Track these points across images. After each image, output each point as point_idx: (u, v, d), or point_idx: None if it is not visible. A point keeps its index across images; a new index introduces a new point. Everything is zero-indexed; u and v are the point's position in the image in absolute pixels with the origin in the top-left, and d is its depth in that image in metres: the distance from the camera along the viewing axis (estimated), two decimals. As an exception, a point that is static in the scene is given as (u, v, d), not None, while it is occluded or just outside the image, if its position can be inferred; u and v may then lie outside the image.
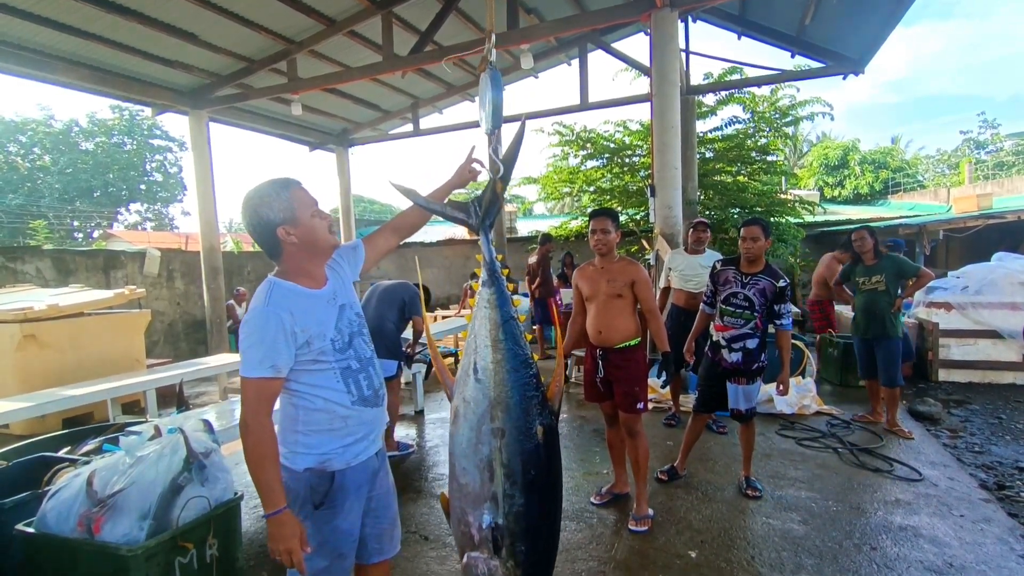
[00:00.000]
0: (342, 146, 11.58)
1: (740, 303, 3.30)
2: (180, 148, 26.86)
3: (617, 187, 10.36)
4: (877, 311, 4.42)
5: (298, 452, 1.56)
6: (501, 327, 1.77)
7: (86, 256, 8.41)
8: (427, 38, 7.28)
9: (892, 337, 4.39)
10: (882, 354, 4.41)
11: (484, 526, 1.67)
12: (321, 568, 1.59)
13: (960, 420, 4.98)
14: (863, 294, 4.54)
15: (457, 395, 1.80)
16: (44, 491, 2.11)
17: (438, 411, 5.51)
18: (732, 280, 3.35)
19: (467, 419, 1.74)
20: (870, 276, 4.49)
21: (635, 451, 3.09)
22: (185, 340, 9.49)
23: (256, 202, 1.53)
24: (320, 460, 1.57)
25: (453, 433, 1.78)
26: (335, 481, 1.58)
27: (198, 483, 2.03)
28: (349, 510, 1.61)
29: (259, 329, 1.45)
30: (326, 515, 1.58)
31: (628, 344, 3.05)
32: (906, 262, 4.52)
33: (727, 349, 3.35)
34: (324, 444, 1.57)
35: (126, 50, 6.89)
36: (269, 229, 1.52)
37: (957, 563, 2.61)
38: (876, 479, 3.59)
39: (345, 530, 1.61)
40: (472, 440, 1.72)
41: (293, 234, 1.52)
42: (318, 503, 1.57)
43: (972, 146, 26.14)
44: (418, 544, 2.92)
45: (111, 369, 5.66)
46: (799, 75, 8.71)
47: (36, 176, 23.82)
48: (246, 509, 3.31)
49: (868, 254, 4.53)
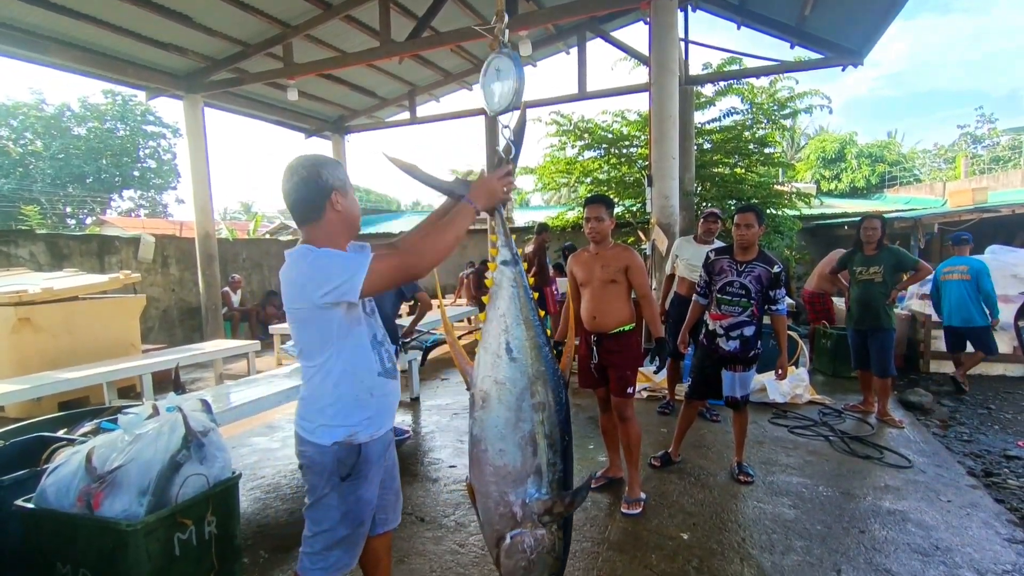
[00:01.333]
0: (338, 133, 11.51)
1: (736, 291, 3.29)
2: (174, 134, 26.64)
3: (614, 178, 10.35)
4: (872, 302, 4.43)
5: (326, 426, 1.61)
6: (530, 305, 1.78)
7: (80, 241, 8.35)
8: (425, 24, 7.23)
9: (886, 328, 4.41)
10: (876, 345, 4.44)
11: (529, 500, 1.69)
12: (343, 536, 1.66)
13: (950, 410, 5.04)
14: (859, 284, 4.54)
15: (483, 380, 1.76)
16: (42, 469, 2.12)
17: (433, 398, 5.53)
18: (727, 269, 3.35)
19: (503, 400, 1.72)
20: (868, 266, 4.48)
21: (627, 436, 3.12)
22: (180, 326, 9.46)
23: (319, 164, 1.59)
24: (347, 433, 1.62)
25: (482, 418, 1.74)
26: (361, 453, 1.64)
27: (197, 461, 2.04)
28: (372, 480, 1.69)
29: (330, 254, 1.52)
30: (352, 486, 1.64)
31: (623, 329, 3.08)
32: (905, 255, 4.50)
33: (724, 337, 3.35)
34: (351, 416, 1.62)
35: (119, 32, 6.80)
36: (324, 191, 1.58)
37: (943, 545, 2.66)
38: (866, 466, 3.64)
39: (367, 499, 1.69)
40: (511, 420, 1.71)
41: (340, 203, 1.60)
42: (345, 475, 1.62)
43: (969, 140, 26.23)
44: (415, 525, 2.95)
45: (106, 353, 5.65)
46: (798, 66, 8.70)
47: (28, 161, 23.58)
48: (243, 489, 3.34)
49: (872, 244, 4.50)
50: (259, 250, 11.73)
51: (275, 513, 3.16)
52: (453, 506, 3.17)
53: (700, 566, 2.52)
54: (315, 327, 1.57)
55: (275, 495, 3.40)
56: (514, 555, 1.69)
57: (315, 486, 1.65)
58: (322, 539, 1.66)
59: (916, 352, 6.53)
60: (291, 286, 1.56)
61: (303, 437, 1.64)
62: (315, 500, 1.65)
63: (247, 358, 6.16)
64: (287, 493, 3.41)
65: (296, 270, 1.54)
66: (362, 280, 1.47)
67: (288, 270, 1.57)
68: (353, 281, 1.47)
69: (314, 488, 1.65)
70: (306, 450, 1.65)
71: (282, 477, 3.66)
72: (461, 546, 2.74)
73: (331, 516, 1.65)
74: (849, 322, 4.70)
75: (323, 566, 1.66)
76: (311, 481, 1.65)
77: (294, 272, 1.55)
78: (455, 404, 5.25)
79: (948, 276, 5.69)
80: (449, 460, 3.88)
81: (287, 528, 2.96)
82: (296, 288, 1.54)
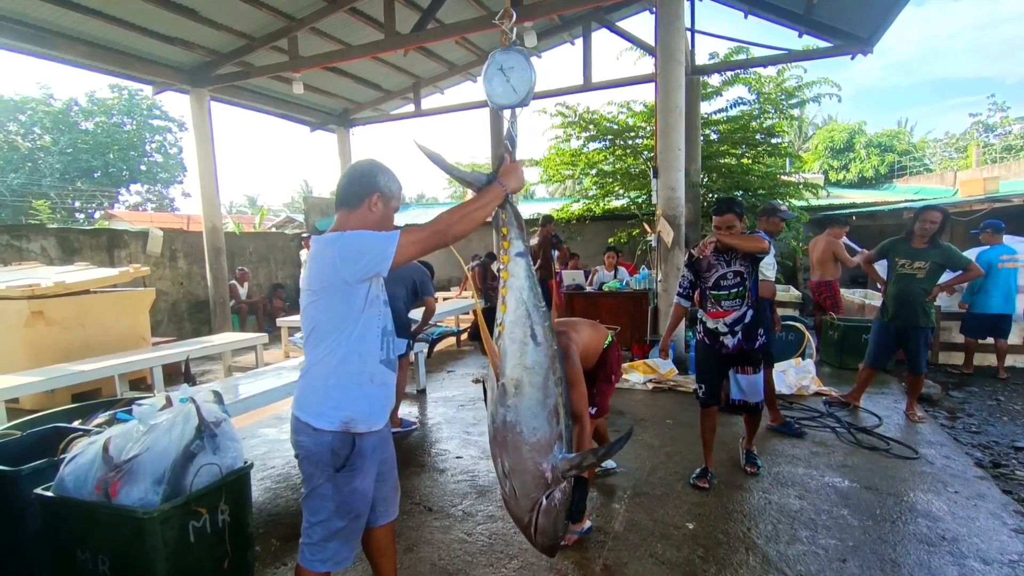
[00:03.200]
0: (343, 126, 11.51)
1: (732, 282, 3.11)
2: (180, 128, 26.68)
3: (619, 169, 10.30)
4: (911, 298, 4.16)
5: (326, 411, 1.65)
6: (542, 293, 1.93)
7: (90, 235, 8.43)
8: (429, 15, 7.21)
9: (924, 327, 4.19)
10: (912, 343, 4.21)
11: (556, 463, 1.85)
12: (339, 528, 1.70)
13: (958, 401, 5.03)
14: (900, 277, 4.22)
15: (513, 368, 1.86)
16: (60, 458, 2.16)
17: (440, 390, 5.57)
18: (716, 263, 3.14)
19: (533, 383, 1.85)
20: (912, 260, 4.17)
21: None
22: (189, 319, 9.55)
23: (378, 167, 1.76)
24: (345, 422, 1.66)
25: (516, 404, 1.84)
26: (356, 445, 1.68)
27: (210, 451, 2.08)
28: (367, 472, 1.73)
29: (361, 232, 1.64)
30: (346, 477, 1.68)
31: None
32: (957, 253, 4.19)
33: (728, 335, 3.15)
34: (351, 403, 1.67)
35: (126, 26, 6.82)
36: (370, 186, 1.72)
37: (949, 536, 2.67)
38: (873, 457, 3.64)
39: (362, 491, 1.73)
40: (540, 398, 1.85)
41: (378, 205, 1.73)
42: (339, 467, 1.66)
43: (981, 129, 25.86)
44: (422, 515, 2.99)
45: (117, 346, 5.72)
46: (806, 55, 8.59)
47: (36, 156, 23.71)
48: (254, 479, 3.39)
49: (925, 238, 4.15)
50: (265, 244, 11.80)
51: (285, 503, 3.21)
52: (460, 496, 3.20)
53: (706, 555, 2.54)
54: (339, 304, 1.63)
55: (285, 485, 3.45)
56: (551, 513, 1.86)
57: (311, 475, 1.70)
58: (319, 530, 1.70)
59: (924, 343, 6.51)
60: (322, 265, 1.62)
61: (302, 422, 1.68)
62: (311, 490, 1.70)
63: (255, 350, 6.22)
64: (296, 483, 3.46)
65: (330, 250, 1.61)
66: (393, 250, 1.57)
67: (320, 252, 1.64)
68: (386, 251, 1.57)
69: (310, 478, 1.70)
70: (302, 440, 1.69)
71: (291, 467, 3.70)
72: (468, 535, 2.78)
73: (326, 507, 1.69)
74: (884, 316, 4.38)
75: (321, 558, 1.71)
76: (306, 471, 1.71)
77: (327, 252, 1.61)
78: (461, 396, 5.29)
79: (1008, 264, 5.74)
80: (456, 451, 3.92)
81: (297, 517, 2.97)
82: (328, 266, 1.60)
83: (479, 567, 2.51)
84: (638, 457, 3.70)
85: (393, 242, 1.57)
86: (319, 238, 1.66)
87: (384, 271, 1.61)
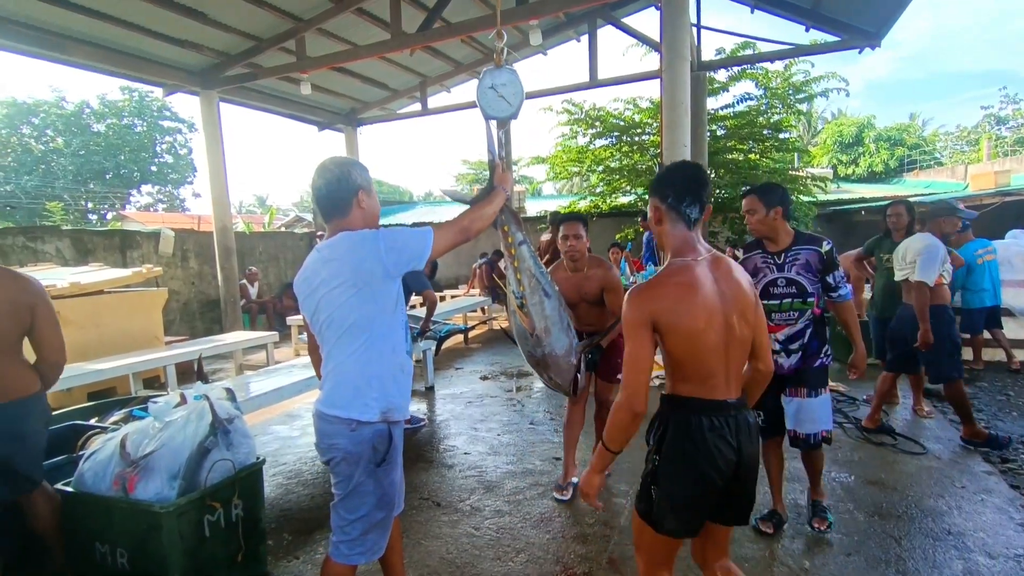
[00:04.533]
0: (351, 125, 11.57)
1: (785, 290, 2.58)
2: (190, 129, 26.96)
3: (626, 166, 10.29)
4: (897, 290, 4.22)
5: (369, 403, 1.69)
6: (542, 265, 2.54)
7: (103, 236, 8.56)
8: (435, 15, 7.23)
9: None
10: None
11: (574, 350, 2.56)
12: (380, 519, 1.76)
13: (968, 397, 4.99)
14: (885, 272, 4.38)
15: (539, 320, 2.45)
16: (78, 455, 2.23)
17: (448, 387, 5.62)
18: (763, 266, 2.63)
19: (555, 323, 2.49)
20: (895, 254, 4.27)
21: (602, 418, 3.15)
22: (200, 319, 9.67)
23: (348, 165, 1.78)
24: (384, 412, 1.71)
25: (549, 342, 2.47)
26: (392, 438, 1.74)
27: (223, 447, 2.14)
28: (399, 463, 1.82)
29: (396, 230, 1.71)
30: (385, 470, 1.74)
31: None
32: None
33: (783, 353, 2.62)
34: (390, 393, 1.73)
35: (137, 30, 6.91)
36: (352, 189, 1.75)
37: (955, 530, 2.68)
38: (880, 452, 3.65)
39: (397, 481, 1.82)
40: (564, 328, 2.52)
41: (365, 201, 1.77)
42: (379, 461, 1.71)
43: (993, 122, 25.53)
44: (431, 510, 3.04)
45: (131, 345, 5.82)
46: (813, 49, 8.54)
47: (50, 158, 24.05)
48: (266, 475, 3.45)
49: (900, 231, 4.28)
50: (275, 243, 11.91)
51: (297, 498, 3.27)
52: (468, 491, 3.25)
53: (711, 549, 2.56)
54: (377, 297, 1.68)
55: (296, 480, 3.51)
56: (578, 373, 2.60)
57: (349, 476, 1.69)
58: (360, 525, 1.72)
59: (934, 339, 6.46)
60: (363, 258, 1.64)
61: (341, 419, 1.67)
62: (350, 490, 1.70)
63: (266, 349, 6.30)
64: (308, 479, 3.52)
65: (373, 243, 1.64)
66: (431, 244, 1.71)
67: (359, 245, 1.65)
68: (424, 245, 1.70)
69: (348, 478, 1.69)
70: (338, 442, 1.68)
71: (303, 464, 3.77)
72: (476, 529, 2.82)
73: (368, 502, 1.71)
74: (872, 310, 4.56)
75: (361, 550, 1.74)
76: (345, 472, 1.69)
77: (369, 246, 1.64)
78: (469, 392, 5.34)
79: (986, 258, 5.67)
80: (464, 447, 3.96)
81: (309, 512, 3.07)
82: (373, 259, 1.64)
83: (487, 560, 2.55)
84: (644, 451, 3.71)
85: (429, 237, 1.71)
86: (351, 234, 1.69)
87: (422, 264, 1.73)
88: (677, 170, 1.71)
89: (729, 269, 1.63)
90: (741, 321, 1.58)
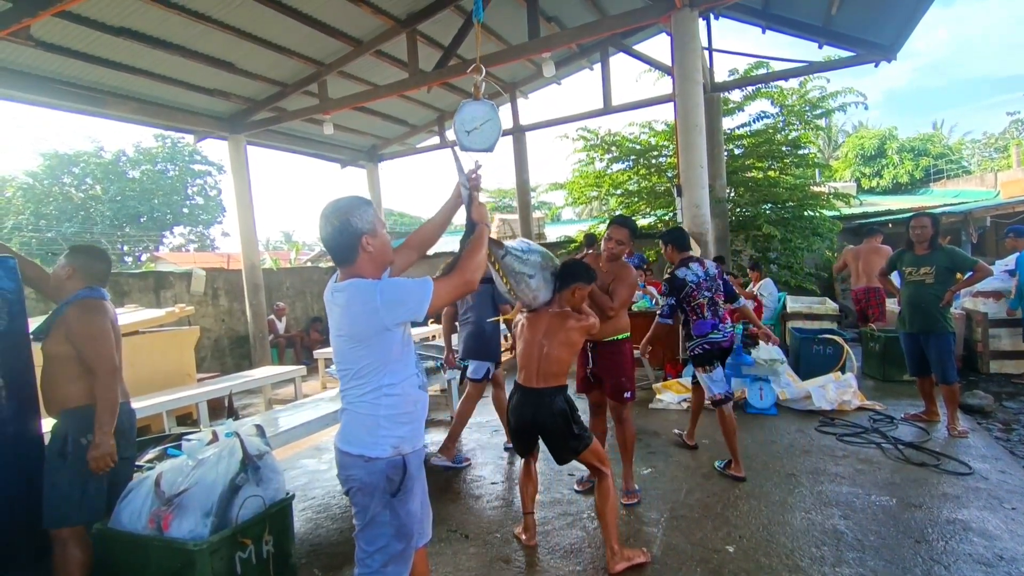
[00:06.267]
0: (372, 161, 11.90)
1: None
2: (219, 171, 27.99)
3: (644, 188, 10.32)
4: (922, 304, 4.19)
5: (379, 440, 1.73)
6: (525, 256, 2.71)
7: (138, 278, 8.88)
8: (451, 52, 7.48)
9: (942, 332, 4.14)
10: (933, 350, 4.18)
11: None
12: (398, 551, 1.76)
13: (1013, 413, 4.79)
14: (909, 285, 4.31)
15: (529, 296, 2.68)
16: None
17: (474, 416, 5.58)
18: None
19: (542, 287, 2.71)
20: (918, 267, 4.25)
21: (623, 435, 3.34)
22: (230, 355, 9.88)
23: (348, 211, 1.75)
24: (395, 446, 1.74)
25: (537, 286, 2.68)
26: (407, 468, 1.75)
27: (254, 483, 2.17)
28: (417, 493, 1.81)
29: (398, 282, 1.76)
30: (402, 500, 1.74)
31: (616, 338, 3.24)
32: (961, 254, 4.24)
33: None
34: (400, 428, 1.75)
35: (170, 82, 7.30)
36: (355, 236, 1.74)
37: (1007, 555, 2.55)
38: (922, 474, 3.50)
39: (415, 512, 1.80)
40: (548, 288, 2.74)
41: (371, 244, 1.76)
42: (395, 491, 1.73)
43: (1020, 127, 24.90)
44: (459, 542, 3.01)
45: (164, 383, 5.97)
46: (827, 66, 8.53)
47: (89, 205, 25.18)
48: (296, 510, 3.48)
49: (923, 244, 4.26)
50: (301, 278, 12.17)
51: (326, 532, 3.28)
52: (497, 523, 3.22)
53: (747, 580, 2.48)
54: (378, 349, 1.72)
55: (325, 515, 3.52)
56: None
57: (366, 507, 1.73)
58: (379, 557, 1.74)
59: (974, 353, 6.24)
60: (362, 311, 1.69)
61: (353, 455, 1.73)
62: (368, 521, 1.74)
63: (294, 383, 6.40)
64: (337, 513, 3.53)
65: (372, 297, 1.68)
66: (430, 299, 1.71)
67: (358, 298, 1.70)
68: (423, 301, 1.70)
69: (365, 509, 1.74)
70: (354, 473, 1.74)
71: (331, 497, 3.79)
72: (506, 562, 2.79)
73: (385, 533, 1.73)
74: (901, 325, 4.46)
75: None
76: (361, 503, 1.74)
77: (368, 300, 1.68)
78: (494, 421, 5.31)
79: None
80: (491, 477, 3.94)
81: (338, 547, 3.07)
82: (371, 313, 1.68)
83: (517, 594, 2.51)
84: (674, 479, 3.65)
85: (428, 292, 1.70)
86: (341, 285, 1.74)
87: (421, 318, 1.74)
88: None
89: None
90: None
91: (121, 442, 2.28)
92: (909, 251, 4.37)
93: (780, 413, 4.89)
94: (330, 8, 6.76)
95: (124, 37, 6.13)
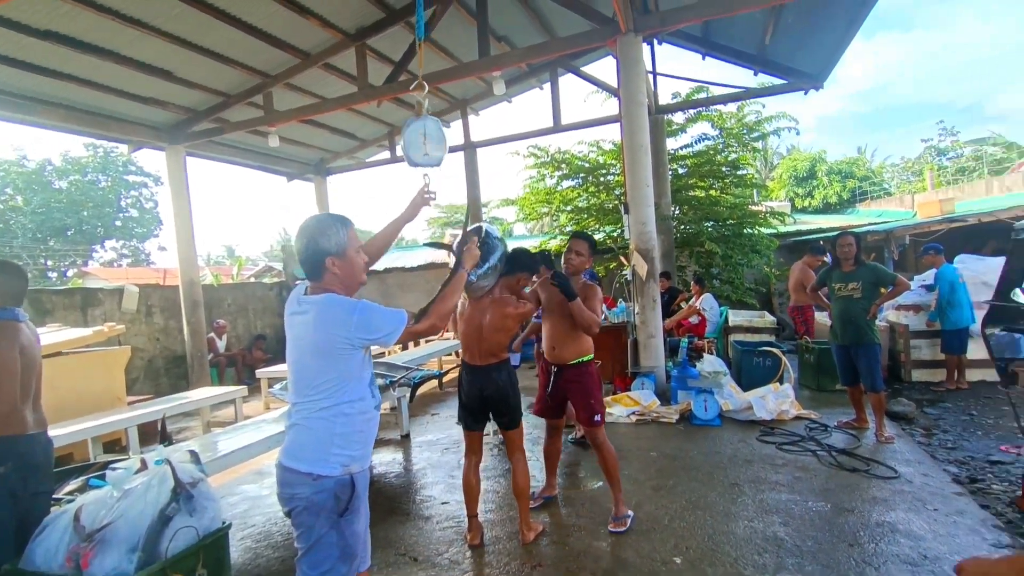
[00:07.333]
0: (320, 175, 11.67)
1: None
2: (155, 183, 26.71)
3: (593, 205, 10.57)
4: (852, 318, 4.46)
5: (330, 458, 1.70)
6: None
7: (63, 295, 8.29)
8: (401, 68, 7.47)
9: (869, 344, 4.42)
10: (863, 360, 4.45)
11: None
12: (342, 573, 1.72)
13: (933, 418, 5.13)
14: (839, 300, 4.58)
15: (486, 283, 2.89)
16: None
17: (423, 434, 5.51)
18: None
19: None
20: (846, 283, 4.52)
21: (604, 461, 3.23)
22: (166, 375, 9.34)
23: (316, 231, 1.77)
24: (346, 464, 1.72)
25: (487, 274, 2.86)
26: (355, 487, 1.73)
27: (186, 513, 2.05)
28: (362, 513, 1.80)
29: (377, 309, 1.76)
30: (348, 520, 1.72)
31: (581, 360, 3.22)
32: (884, 271, 4.52)
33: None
34: (351, 447, 1.74)
35: (102, 89, 6.94)
36: (319, 257, 1.76)
37: (931, 555, 2.70)
38: (854, 479, 3.69)
39: (360, 533, 1.79)
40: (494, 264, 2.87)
41: (337, 265, 1.78)
42: (342, 511, 1.69)
43: (933, 153, 27.12)
44: (408, 566, 2.93)
45: (91, 407, 5.56)
46: (762, 92, 9.07)
47: (8, 217, 23.44)
48: (234, 539, 3.30)
49: (849, 261, 4.55)
50: (243, 294, 11.70)
51: (266, 562, 3.12)
52: (447, 544, 3.15)
53: (694, 590, 2.53)
54: (341, 364, 1.72)
55: (266, 543, 3.35)
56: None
57: (310, 527, 1.68)
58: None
59: (898, 362, 6.67)
60: (335, 326, 1.69)
61: (301, 473, 1.69)
62: (313, 542, 1.69)
63: (234, 404, 6.11)
64: (279, 541, 3.37)
65: (348, 316, 1.69)
66: (400, 335, 1.78)
67: (333, 315, 1.70)
68: (395, 333, 1.77)
69: (309, 530, 1.69)
70: (300, 491, 1.69)
71: (272, 524, 3.61)
72: (456, 584, 2.73)
73: (331, 555, 1.69)
74: (833, 338, 4.73)
75: None
76: (306, 523, 1.69)
77: (343, 317, 1.69)
78: (445, 439, 5.24)
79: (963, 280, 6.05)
80: (441, 496, 3.86)
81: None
82: (343, 329, 1.68)
83: (467, 617, 2.46)
84: (624, 492, 3.68)
85: (401, 327, 1.78)
86: (329, 299, 1.73)
87: (388, 346, 1.82)
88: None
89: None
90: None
91: (35, 476, 2.11)
92: (837, 269, 4.65)
93: (724, 424, 5.06)
94: (277, 20, 6.62)
95: (51, 41, 5.80)
